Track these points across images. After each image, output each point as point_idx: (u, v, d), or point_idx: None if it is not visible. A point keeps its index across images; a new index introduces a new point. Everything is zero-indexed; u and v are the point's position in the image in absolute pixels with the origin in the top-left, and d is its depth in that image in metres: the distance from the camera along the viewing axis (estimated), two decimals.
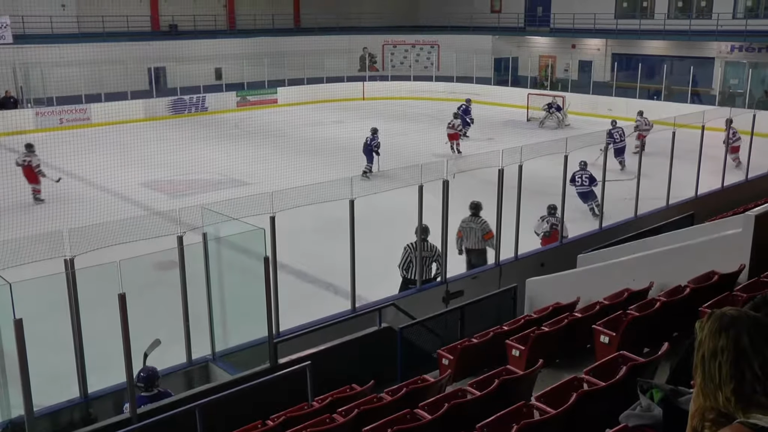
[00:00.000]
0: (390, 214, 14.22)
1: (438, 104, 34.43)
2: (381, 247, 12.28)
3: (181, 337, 8.23)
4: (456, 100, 32.41)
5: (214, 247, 8.30)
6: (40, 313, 6.68)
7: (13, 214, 16.76)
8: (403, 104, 34.19)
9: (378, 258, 11.79)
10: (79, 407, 7.54)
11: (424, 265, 10.74)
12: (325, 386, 7.15)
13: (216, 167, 21.85)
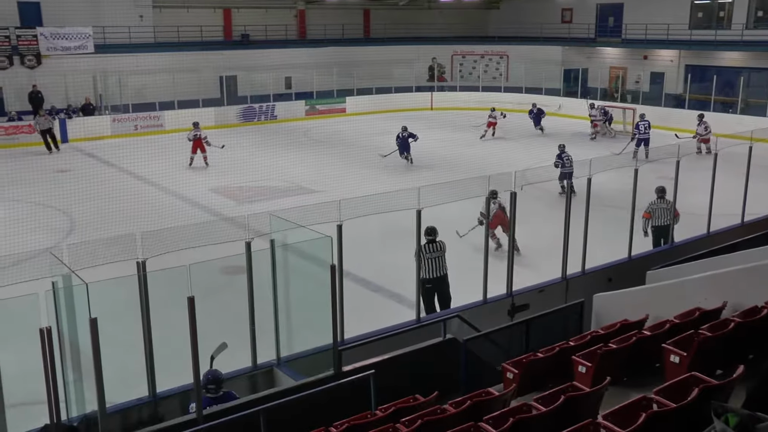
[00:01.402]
0: (456, 225, 14.15)
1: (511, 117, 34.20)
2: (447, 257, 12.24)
3: (246, 342, 8.35)
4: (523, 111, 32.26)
5: (281, 253, 8.39)
6: (113, 313, 6.85)
7: (89, 217, 17.30)
8: (470, 115, 34.04)
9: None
10: (148, 406, 7.71)
11: (437, 265, 11.09)
12: (387, 395, 7.14)
13: (284, 175, 22.14)
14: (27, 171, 23.25)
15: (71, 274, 6.78)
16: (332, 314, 7.90)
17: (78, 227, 17.33)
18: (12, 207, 19.20)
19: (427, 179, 19.91)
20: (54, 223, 17.69)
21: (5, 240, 14.63)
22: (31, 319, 6.58)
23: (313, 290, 8.49)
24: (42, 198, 20.04)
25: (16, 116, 28.73)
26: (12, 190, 20.78)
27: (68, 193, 19.63)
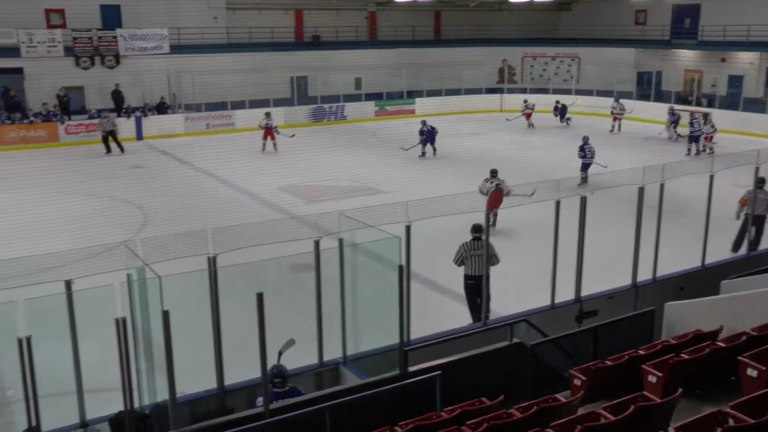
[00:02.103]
0: (525, 229, 14.01)
1: (577, 119, 33.72)
2: (515, 261, 12.14)
3: (313, 339, 8.42)
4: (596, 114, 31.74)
5: (350, 252, 8.43)
6: (184, 306, 6.99)
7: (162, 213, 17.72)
8: (541, 118, 33.66)
9: (511, 272, 11.64)
10: (216, 398, 7.85)
11: (480, 262, 11.06)
12: (453, 398, 7.10)
13: (352, 175, 22.27)
14: (104, 167, 23.96)
15: (145, 267, 6.95)
16: (399, 314, 7.90)
17: (151, 222, 17.78)
18: (89, 201, 19.83)
19: None
20: (129, 218, 18.19)
21: (83, 233, 15.11)
22: (107, 310, 6.79)
23: (381, 290, 8.51)
24: (117, 193, 20.63)
25: (96, 114, 29.64)
26: (90, 185, 21.46)
27: (142, 189, 20.17)
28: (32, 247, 12.89)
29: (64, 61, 31.66)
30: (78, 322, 7.11)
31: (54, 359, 6.86)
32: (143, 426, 6.96)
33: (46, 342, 6.36)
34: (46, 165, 24.25)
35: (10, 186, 20.98)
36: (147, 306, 7.22)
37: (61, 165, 23.97)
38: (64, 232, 15.24)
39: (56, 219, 16.36)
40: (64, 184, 21.41)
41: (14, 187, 20.71)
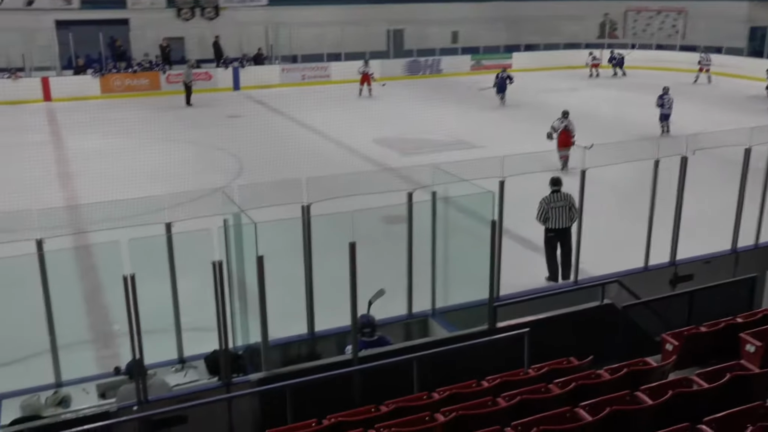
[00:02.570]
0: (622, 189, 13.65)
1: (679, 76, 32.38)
2: (608, 220, 11.88)
3: (403, 290, 8.49)
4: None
5: (442, 206, 8.42)
6: (278, 252, 7.15)
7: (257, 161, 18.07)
8: (642, 74, 32.47)
9: (604, 232, 11.39)
10: (306, 343, 8.05)
11: (560, 214, 11.17)
12: (540, 356, 7.06)
13: (446, 129, 22.12)
14: (202, 116, 24.55)
15: (241, 213, 7.13)
16: (490, 270, 7.86)
17: (247, 170, 18.17)
18: (188, 149, 20.41)
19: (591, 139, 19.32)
20: (225, 165, 18.65)
21: (182, 179, 15.60)
22: (205, 253, 7.02)
23: (472, 245, 8.48)
24: (215, 141, 21.13)
25: (196, 64, 30.30)
26: (189, 133, 22.05)
27: (239, 138, 20.60)
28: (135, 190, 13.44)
29: (166, 13, 32.48)
30: (177, 264, 7.39)
31: (155, 298, 7.15)
32: (236, 365, 7.21)
33: (148, 281, 6.62)
34: (148, 112, 25.06)
35: (114, 132, 21.79)
36: (242, 251, 7.43)
37: (161, 113, 24.70)
38: (165, 178, 15.76)
39: (157, 165, 16.92)
40: (164, 131, 22.08)
41: (119, 133, 21.50)
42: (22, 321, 8.31)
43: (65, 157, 20.12)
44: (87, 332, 10.14)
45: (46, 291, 7.09)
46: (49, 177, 17.57)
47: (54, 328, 7.22)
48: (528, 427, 4.62)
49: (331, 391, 6.98)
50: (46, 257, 6.97)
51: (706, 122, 21.78)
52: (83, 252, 12.01)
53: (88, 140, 21.15)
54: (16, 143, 20.82)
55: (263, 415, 6.83)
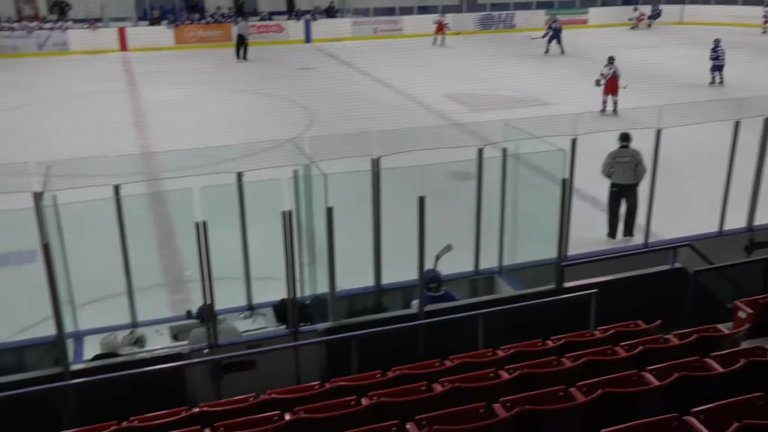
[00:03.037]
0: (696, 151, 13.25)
1: None
2: (681, 183, 11.57)
3: (470, 246, 8.47)
4: None
5: (512, 163, 8.32)
6: (346, 204, 7.19)
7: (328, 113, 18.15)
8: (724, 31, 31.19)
9: (677, 195, 11.11)
10: (373, 296, 8.13)
11: (626, 170, 10.87)
12: (607, 318, 6.99)
13: (518, 85, 21.77)
14: (274, 68, 24.69)
15: (311, 164, 7.18)
16: (559, 229, 7.76)
17: (318, 122, 18.26)
18: (260, 100, 20.61)
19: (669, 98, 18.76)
20: (296, 117, 18.77)
21: (253, 130, 15.80)
22: (275, 203, 7.11)
23: (541, 203, 8.38)
24: (286, 93, 21.26)
25: (268, 16, 30.37)
26: (260, 84, 22.22)
27: (309, 90, 20.68)
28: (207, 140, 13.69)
29: None
30: (247, 213, 7.52)
31: (225, 245, 7.30)
32: (304, 314, 7.34)
33: (219, 229, 6.76)
34: (221, 64, 25.33)
35: (188, 82, 22.13)
36: (311, 202, 7.51)
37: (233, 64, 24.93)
38: (236, 128, 15.97)
39: (229, 115, 17.14)
40: (236, 83, 22.32)
41: (192, 84, 21.83)
42: (101, 263, 8.60)
43: (140, 106, 20.55)
44: (160, 276, 10.45)
45: (122, 235, 7.32)
46: (124, 125, 18.01)
47: (130, 270, 7.46)
48: (593, 388, 4.58)
49: (395, 344, 7.05)
50: (123, 202, 7.18)
51: None
52: (157, 199, 12.33)
53: (162, 90, 21.55)
54: (94, 92, 21.34)
55: (328, 365, 6.96)
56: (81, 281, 7.53)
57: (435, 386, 5.08)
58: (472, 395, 4.78)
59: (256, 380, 6.55)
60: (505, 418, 4.26)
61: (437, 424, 4.12)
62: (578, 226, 9.09)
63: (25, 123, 16.92)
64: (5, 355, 7.27)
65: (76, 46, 28.25)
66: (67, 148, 14.23)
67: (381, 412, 4.62)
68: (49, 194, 6.64)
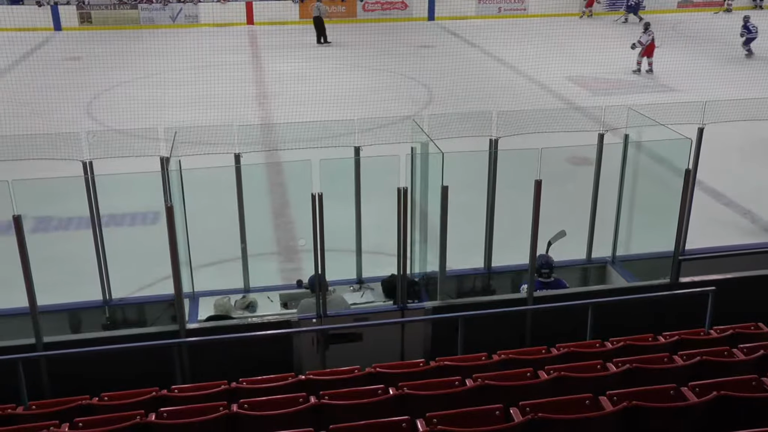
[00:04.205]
0: None
1: None
2: None
3: (584, 234, 8.28)
4: None
5: (633, 150, 8.06)
6: (462, 184, 7.15)
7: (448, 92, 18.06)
8: None
9: None
10: (482, 277, 8.10)
11: None
12: (724, 317, 6.69)
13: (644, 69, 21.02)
14: (394, 44, 24.73)
15: (429, 141, 7.18)
16: (678, 221, 7.47)
17: (436, 100, 18.22)
18: (378, 76, 20.73)
19: None
20: (415, 94, 18.79)
21: (372, 105, 15.92)
22: (391, 179, 7.16)
23: (661, 193, 8.09)
24: (406, 70, 21.29)
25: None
26: (381, 60, 22.33)
27: (430, 68, 20.63)
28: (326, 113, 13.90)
29: None
30: (363, 187, 7.61)
31: (339, 218, 7.42)
32: (412, 291, 7.39)
33: (334, 201, 6.87)
34: (344, 39, 25.59)
35: (310, 56, 22.50)
36: (427, 180, 7.51)
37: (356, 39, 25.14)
38: (356, 103, 16.13)
39: (349, 90, 17.32)
40: (358, 58, 22.52)
41: (314, 58, 22.20)
42: (218, 228, 8.92)
43: (263, 78, 21.07)
44: (274, 245, 10.75)
45: (240, 202, 7.56)
46: (247, 96, 18.52)
47: (245, 237, 7.70)
48: (707, 389, 4.41)
49: (502, 327, 7.01)
50: (243, 170, 7.41)
51: None
52: (274, 169, 12.65)
53: (284, 63, 22.02)
54: (220, 63, 22.04)
55: (434, 343, 7.00)
56: (199, 244, 7.85)
57: (540, 373, 5.03)
58: (577, 385, 4.71)
59: (362, 353, 6.67)
60: (612, 412, 4.17)
61: (541, 411, 4.08)
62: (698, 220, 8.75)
63: (155, 91, 17.67)
64: (127, 310, 7.68)
65: (206, 18, 29.19)
66: (192, 116, 14.78)
67: (485, 395, 4.61)
68: (175, 159, 6.93)
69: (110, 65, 20.72)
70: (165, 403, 4.84)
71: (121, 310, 7.63)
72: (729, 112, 8.54)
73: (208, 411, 4.51)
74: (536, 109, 9.75)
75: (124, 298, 7.73)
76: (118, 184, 8.71)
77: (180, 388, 5.37)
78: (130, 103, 16.50)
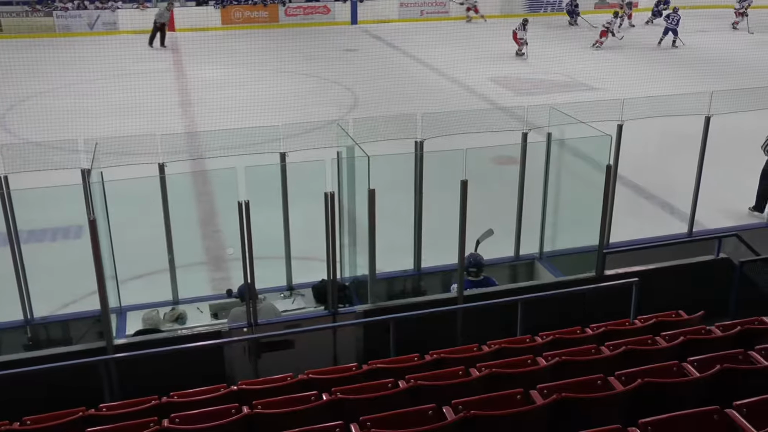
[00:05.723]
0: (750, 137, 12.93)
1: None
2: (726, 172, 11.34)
3: (511, 232, 8.41)
4: None
5: (556, 148, 8.24)
6: (388, 187, 7.19)
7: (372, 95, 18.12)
8: None
9: (721, 183, 10.88)
10: (412, 279, 8.14)
11: None
12: (648, 307, 6.90)
13: (565, 69, 21.50)
14: (318, 48, 24.69)
15: (355, 145, 7.18)
16: (602, 216, 7.67)
17: (361, 104, 18.25)
18: (302, 81, 20.65)
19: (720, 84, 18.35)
20: (340, 99, 18.79)
21: (298, 110, 15.85)
22: (317, 184, 7.13)
23: (584, 189, 8.29)
24: (330, 74, 21.27)
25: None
26: (305, 65, 22.27)
27: (354, 71, 20.66)
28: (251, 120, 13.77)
29: None
30: (289, 193, 7.56)
31: (267, 225, 7.36)
32: (343, 296, 7.38)
33: (261, 208, 6.81)
34: (266, 44, 25.42)
35: (233, 63, 22.25)
36: (354, 183, 7.52)
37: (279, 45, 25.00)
38: (281, 108, 16.03)
39: (274, 96, 17.21)
40: (282, 63, 22.38)
41: (237, 64, 21.96)
42: (144, 240, 8.73)
43: (186, 86, 20.75)
44: (202, 255, 10.59)
45: (166, 212, 7.42)
46: (171, 104, 18.20)
47: (173, 248, 7.56)
48: (632, 377, 4.53)
49: (434, 327, 7.06)
50: (168, 180, 7.27)
51: None
52: (200, 177, 12.46)
53: (207, 70, 21.72)
54: (142, 71, 21.61)
55: (366, 346, 7.01)
56: (126, 257, 7.67)
57: (472, 371, 5.08)
58: (509, 381, 4.77)
59: (294, 360, 6.63)
60: (542, 405, 4.24)
61: (474, 409, 4.12)
62: (621, 214, 8.99)
63: (74, 101, 17.22)
64: (51, 328, 7.46)
65: (125, 25, 28.61)
66: (114, 126, 14.45)
67: (418, 396, 4.63)
68: (97, 171, 6.76)
69: (25, 75, 20.06)
70: (93, 423, 4.70)
71: (44, 328, 7.40)
72: (646, 108, 8.80)
73: (138, 428, 4.40)
74: (461, 110, 9.85)
75: (47, 317, 7.50)
76: (38, 198, 8.45)
77: (108, 407, 5.22)
78: (47, 115, 15.99)
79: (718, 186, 10.45)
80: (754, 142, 11.23)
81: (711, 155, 8.98)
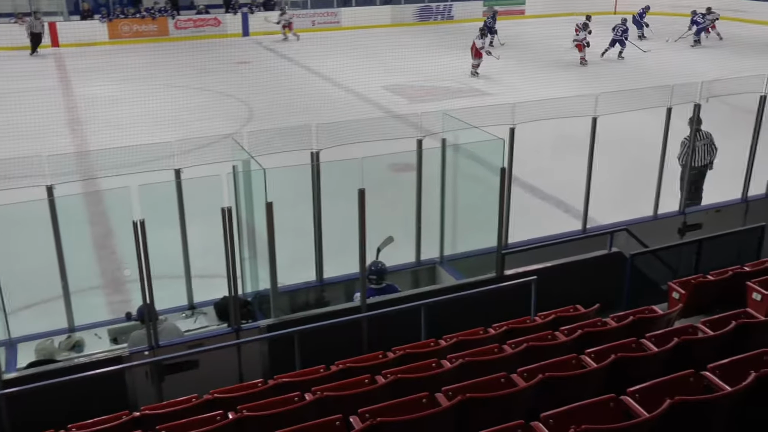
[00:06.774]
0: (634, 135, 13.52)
1: None
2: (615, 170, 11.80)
3: (411, 238, 8.50)
4: None
5: (452, 153, 8.38)
6: (287, 199, 7.16)
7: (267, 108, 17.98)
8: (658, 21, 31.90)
9: (610, 181, 11.33)
10: (315, 290, 8.11)
11: (700, 152, 10.88)
12: (547, 303, 7.10)
13: (457, 76, 21.91)
14: (211, 62, 24.34)
15: (250, 159, 7.11)
16: (499, 218, 7.86)
17: (256, 116, 18.09)
18: (196, 95, 20.30)
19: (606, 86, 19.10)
20: (234, 112, 18.56)
21: (191, 125, 15.57)
22: (214, 199, 7.03)
23: (481, 193, 8.47)
24: (224, 87, 21.01)
25: (204, 9, 29.93)
26: (197, 79, 21.90)
27: (248, 84, 20.47)
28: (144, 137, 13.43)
29: None
30: (186, 210, 7.41)
31: (164, 244, 7.18)
32: (246, 312, 7.28)
33: (158, 227, 6.65)
34: (157, 58, 24.88)
35: (123, 78, 21.67)
36: (251, 197, 7.44)
37: (170, 59, 24.51)
38: (174, 124, 15.72)
39: (166, 111, 16.86)
40: (173, 78, 21.95)
41: (127, 80, 21.39)
42: (34, 266, 8.38)
43: (73, 104, 20.05)
44: (98, 278, 10.24)
45: (57, 237, 7.13)
46: (57, 123, 17.55)
47: (66, 273, 7.28)
48: (534, 373, 4.66)
49: (339, 337, 7.05)
50: (57, 203, 7.00)
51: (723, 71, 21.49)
52: (93, 198, 12.05)
53: (96, 86, 21.07)
54: (24, 89, 20.71)
55: (272, 361, 6.93)
56: (14, 286, 7.33)
57: (378, 378, 5.10)
58: (414, 386, 4.81)
59: (199, 380, 6.48)
60: (447, 407, 4.29)
61: (380, 416, 4.14)
62: (518, 215, 9.22)
63: None
64: None
65: (2, 41, 27.36)
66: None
67: (324, 407, 4.61)
68: None
69: None
70: None
71: None
72: (537, 112, 9.04)
73: None
74: (355, 119, 9.89)
75: None
76: None
77: None
78: None
79: (608, 183, 10.86)
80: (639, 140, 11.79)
81: (600, 154, 9.32)
